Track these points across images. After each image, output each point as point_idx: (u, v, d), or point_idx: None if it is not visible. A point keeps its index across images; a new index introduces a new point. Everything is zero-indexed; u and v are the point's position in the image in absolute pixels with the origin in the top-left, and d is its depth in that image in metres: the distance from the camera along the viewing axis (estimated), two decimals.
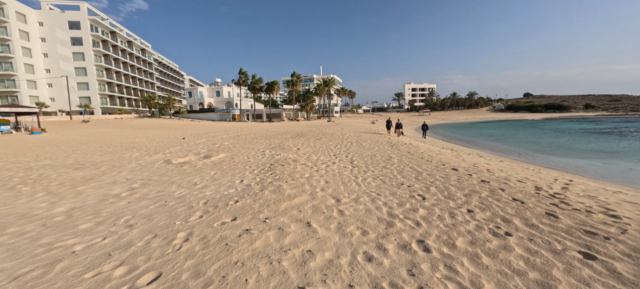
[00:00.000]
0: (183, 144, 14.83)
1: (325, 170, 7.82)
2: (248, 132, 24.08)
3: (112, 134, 23.63)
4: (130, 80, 75.34)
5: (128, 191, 5.72)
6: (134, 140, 18.36)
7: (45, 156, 11.18)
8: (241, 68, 59.82)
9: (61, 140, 18.93)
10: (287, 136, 19.11)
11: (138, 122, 44.41)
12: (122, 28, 76.76)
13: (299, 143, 14.80)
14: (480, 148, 18.51)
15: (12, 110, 23.25)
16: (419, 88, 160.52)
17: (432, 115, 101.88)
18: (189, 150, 12.13)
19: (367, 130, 25.80)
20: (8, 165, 9.32)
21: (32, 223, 4.15)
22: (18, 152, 12.66)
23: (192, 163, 8.79)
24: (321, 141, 15.84)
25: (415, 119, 70.50)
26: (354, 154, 10.98)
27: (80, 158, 10.47)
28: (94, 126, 33.88)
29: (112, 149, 13.20)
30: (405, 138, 17.82)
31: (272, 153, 10.78)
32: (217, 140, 16.96)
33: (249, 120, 61.10)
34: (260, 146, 13.29)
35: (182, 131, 27.73)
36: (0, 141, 18.13)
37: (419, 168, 8.23)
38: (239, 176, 6.95)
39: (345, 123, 41.50)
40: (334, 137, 18.41)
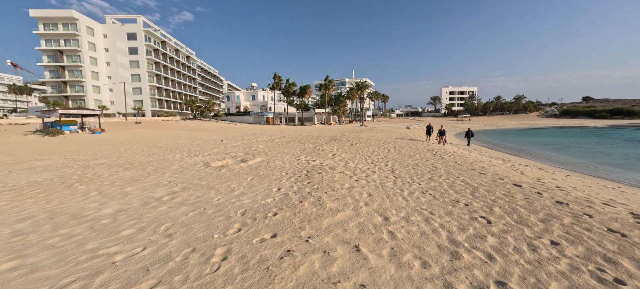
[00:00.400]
0: (221, 146, 15.28)
1: (365, 180, 7.24)
2: (281, 136, 24.31)
3: (159, 135, 25.52)
4: (176, 85, 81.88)
5: (169, 195, 5.75)
6: (177, 141, 19.49)
7: (102, 155, 12.18)
8: (275, 73, 61.52)
9: (116, 139, 20.83)
10: (321, 140, 18.81)
11: (181, 123, 47.82)
12: (170, 37, 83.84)
13: (333, 148, 14.36)
14: (536, 159, 16.35)
15: (79, 112, 26.29)
16: (457, 91, 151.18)
17: (473, 120, 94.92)
18: (227, 153, 12.36)
19: (403, 136, 24.50)
20: (71, 162, 10.26)
21: (81, 225, 4.24)
22: (80, 150, 14.04)
23: (229, 167, 8.80)
24: (356, 147, 15.22)
25: (454, 124, 66.05)
26: (394, 162, 10.21)
27: (131, 158, 11.19)
28: (144, 127, 37.11)
29: (157, 150, 14.03)
30: (447, 146, 16.38)
31: (307, 159, 10.47)
32: (253, 143, 17.24)
33: (282, 123, 62.43)
34: (294, 151, 13.11)
35: (220, 133, 29.03)
36: (68, 139, 20.50)
37: (472, 182, 7.24)
38: (276, 184, 6.69)
39: (378, 128, 40.18)
40: (370, 142, 17.64)
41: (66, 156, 11.79)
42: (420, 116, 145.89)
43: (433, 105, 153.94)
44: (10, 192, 6.17)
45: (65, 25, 60.83)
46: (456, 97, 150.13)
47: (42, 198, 5.70)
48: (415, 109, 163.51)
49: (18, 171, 8.68)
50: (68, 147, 15.63)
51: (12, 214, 4.79)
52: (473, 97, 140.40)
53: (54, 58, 61.13)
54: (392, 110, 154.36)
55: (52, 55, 61.07)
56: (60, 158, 11.48)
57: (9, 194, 6.04)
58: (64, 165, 9.61)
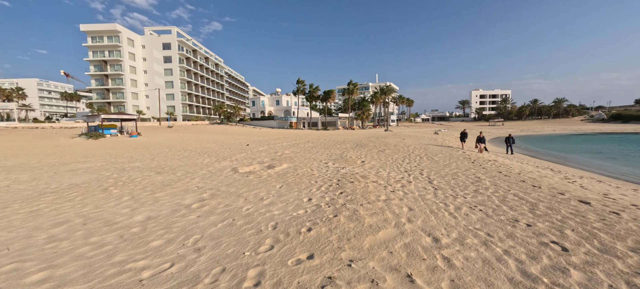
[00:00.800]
0: (247, 151, 15.33)
1: (402, 190, 6.62)
2: (306, 141, 24.12)
3: (189, 139, 26.54)
4: (206, 91, 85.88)
5: (198, 203, 5.58)
6: (206, 145, 20.01)
7: (137, 158, 12.67)
8: (299, 78, 62.13)
9: (150, 143, 21.91)
10: (347, 146, 18.28)
11: (209, 127, 49.74)
12: (201, 46, 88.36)
13: (361, 154, 13.78)
14: (591, 169, 14.47)
15: (119, 117, 28.18)
16: (488, 94, 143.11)
17: (507, 125, 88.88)
18: (253, 158, 12.29)
19: (433, 142, 23.20)
20: (108, 165, 10.71)
21: (112, 232, 4.13)
22: (118, 153, 14.78)
23: (257, 173, 8.61)
24: (385, 153, 14.50)
25: (486, 129, 62.08)
26: (429, 171, 9.42)
27: (162, 161, 11.48)
28: (175, 131, 39.02)
29: (187, 154, 14.37)
30: (485, 154, 15.03)
31: (336, 166, 10.02)
32: (278, 148, 17.16)
33: (305, 128, 62.70)
34: (321, 157, 12.73)
35: (246, 137, 29.60)
36: (108, 142, 21.93)
37: (528, 197, 6.33)
38: (306, 193, 6.31)
39: (404, 133, 38.74)
40: (398, 148, 16.80)
41: (105, 159, 12.41)
42: (447, 121, 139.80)
43: (461, 110, 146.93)
44: (52, 194, 6.40)
45: (110, 38, 66.40)
46: (487, 100, 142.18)
47: (79, 201, 5.80)
48: (442, 114, 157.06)
49: (62, 173, 9.16)
50: (108, 150, 16.59)
51: (50, 217, 4.85)
52: (506, 101, 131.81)
53: (99, 67, 66.91)
54: (417, 115, 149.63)
55: (98, 65, 66.89)
56: (100, 160, 12.09)
57: (51, 196, 6.25)
58: (102, 168, 10.04)
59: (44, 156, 13.80)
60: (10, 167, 10.51)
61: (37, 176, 8.73)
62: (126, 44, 67.54)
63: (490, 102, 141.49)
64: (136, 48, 70.94)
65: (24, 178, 8.40)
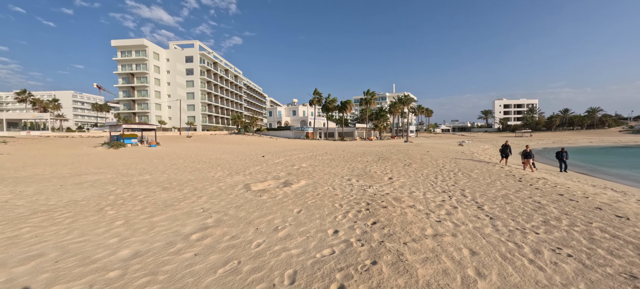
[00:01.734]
0: (262, 163, 14.45)
1: (449, 220, 5.28)
2: (323, 152, 23.03)
3: (205, 149, 26.30)
4: (225, 102, 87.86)
5: (200, 232, 4.57)
6: (221, 156, 19.44)
7: (148, 170, 12.10)
8: (316, 89, 61.81)
9: (167, 153, 21.74)
10: (368, 159, 16.97)
11: (227, 138, 50.08)
12: (221, 59, 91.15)
13: (386, 169, 12.44)
14: None
15: (139, 126, 28.63)
16: (513, 104, 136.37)
17: (536, 137, 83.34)
18: (268, 172, 11.33)
19: (461, 155, 21.27)
20: (118, 177, 10.13)
21: (83, 278, 3.17)
22: (132, 163, 14.39)
23: (271, 191, 7.56)
24: (412, 168, 13.05)
25: (514, 141, 58.01)
26: (472, 192, 7.95)
27: (172, 175, 10.78)
28: (194, 141, 39.39)
29: (200, 166, 13.69)
30: (535, 172, 12.89)
31: (361, 184, 8.78)
32: (295, 160, 16.16)
33: (321, 138, 61.81)
34: (342, 172, 11.53)
35: (262, 148, 29.02)
36: (127, 152, 22.00)
37: (622, 234, 4.77)
38: (330, 221, 5.13)
39: (426, 145, 36.63)
40: (426, 162, 15.26)
41: (117, 170, 11.95)
42: (469, 131, 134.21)
43: (484, 120, 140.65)
44: (44, 214, 5.67)
45: (137, 52, 69.91)
46: (512, 110, 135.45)
47: (67, 225, 4.99)
48: (463, 124, 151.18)
49: (67, 186, 8.62)
50: (124, 160, 16.35)
51: (24, 248, 4.02)
52: (533, 111, 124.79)
53: (127, 80, 70.36)
54: (436, 125, 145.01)
55: (126, 77, 70.38)
56: (112, 172, 11.62)
57: (41, 216, 5.53)
58: (110, 181, 9.44)
59: (60, 166, 13.65)
60: (22, 178, 10.20)
61: (42, 189, 8.21)
62: (152, 58, 70.77)
63: (516, 111, 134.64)
64: (161, 62, 74.17)
65: (28, 192, 7.89)
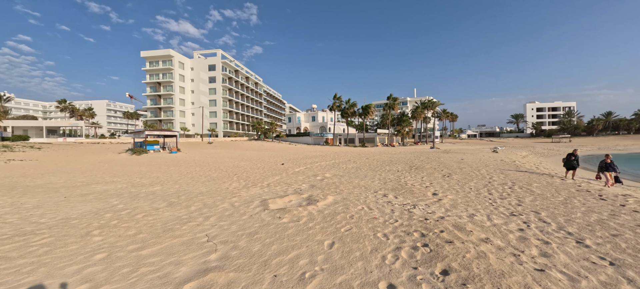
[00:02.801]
0: (282, 173, 13.22)
1: (555, 268, 3.58)
2: (346, 159, 21.49)
3: (224, 155, 25.76)
4: (245, 109, 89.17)
5: (196, 279, 3.28)
6: (239, 163, 18.56)
7: (161, 180, 11.28)
8: (336, 94, 60.51)
9: (186, 159, 21.30)
10: (398, 167, 15.21)
11: (247, 144, 50.04)
12: (242, 66, 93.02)
13: (423, 180, 10.69)
14: None
15: (161, 133, 28.81)
16: (547, 107, 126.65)
17: (575, 142, 75.91)
18: (289, 184, 10.03)
19: (502, 163, 18.77)
20: (127, 188, 9.30)
21: None
22: (148, 171, 13.74)
23: (293, 211, 6.20)
24: (453, 179, 11.17)
25: (551, 147, 52.85)
26: (553, 216, 6.07)
27: (185, 186, 9.81)
28: (214, 147, 39.45)
29: (216, 175, 12.73)
30: (617, 188, 10.24)
31: (401, 202, 7.19)
32: (317, 169, 14.79)
33: (341, 144, 60.18)
34: (374, 184, 9.96)
35: (281, 154, 28.07)
36: (148, 158, 21.85)
37: None
38: (378, 265, 3.64)
39: (456, 151, 33.79)
40: (466, 172, 13.24)
41: (130, 179, 11.24)
42: (498, 137, 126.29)
43: (515, 124, 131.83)
44: (21, 239, 4.69)
45: (164, 62, 72.85)
46: (546, 114, 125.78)
47: (37, 258, 3.92)
48: (492, 129, 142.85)
49: (72, 198, 7.84)
50: (141, 167, 15.87)
51: None
52: (571, 114, 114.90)
53: (154, 88, 73.38)
54: (461, 131, 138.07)
55: (153, 86, 73.46)
56: (125, 180, 10.91)
57: (17, 241, 4.54)
58: (117, 192, 8.60)
59: (79, 173, 13.29)
60: (34, 187, 9.69)
61: (44, 202, 7.46)
62: (177, 67, 73.42)
63: (550, 115, 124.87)
64: (186, 70, 76.79)
65: (28, 205, 7.15)
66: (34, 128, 56.44)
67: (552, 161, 25.52)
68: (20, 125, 55.95)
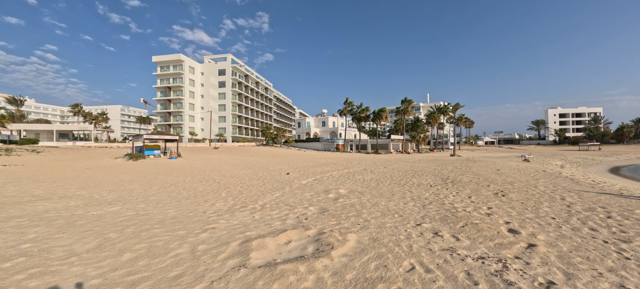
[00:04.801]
0: (285, 187, 10.68)
1: None
2: (361, 168, 18.77)
3: (227, 162, 23.60)
4: (255, 114, 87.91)
5: None
6: (239, 172, 16.20)
7: (129, 195, 8.95)
8: (347, 98, 58.00)
9: (183, 166, 19.18)
10: (428, 180, 12.36)
11: (255, 149, 48.04)
12: (252, 71, 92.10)
13: (475, 202, 7.87)
14: None
15: (161, 137, 27.01)
16: (571, 113, 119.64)
17: (605, 150, 69.75)
18: (291, 206, 7.46)
19: (550, 176, 15.51)
20: (78, 207, 6.97)
21: None
22: (129, 180, 11.49)
23: (291, 274, 3.62)
24: (513, 199, 8.28)
25: (582, 155, 47.97)
26: None
27: (151, 207, 7.40)
28: (220, 152, 37.56)
29: (205, 187, 10.33)
30: None
31: (471, 251, 4.45)
32: (329, 182, 12.16)
33: (353, 151, 57.31)
34: (409, 209, 7.25)
35: (289, 161, 25.66)
36: (144, 165, 19.87)
37: None
38: None
39: (481, 159, 30.28)
40: (522, 190, 10.27)
41: (95, 193, 8.98)
42: (518, 144, 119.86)
43: (535, 131, 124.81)
44: None
45: (175, 66, 72.54)
46: (570, 120, 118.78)
47: None
48: (510, 136, 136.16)
49: (7, 221, 5.56)
50: (126, 176, 13.73)
51: None
52: (597, 120, 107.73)
53: (164, 93, 73.10)
54: (477, 137, 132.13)
55: (163, 91, 73.19)
56: (87, 195, 8.66)
57: None
58: (54, 216, 6.29)
59: (50, 182, 11.25)
60: None
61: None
62: (187, 71, 72.96)
63: (575, 121, 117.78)
64: (196, 75, 76.29)
65: None
66: (46, 132, 56.68)
67: (601, 173, 21.77)
68: (33, 128, 56.31)
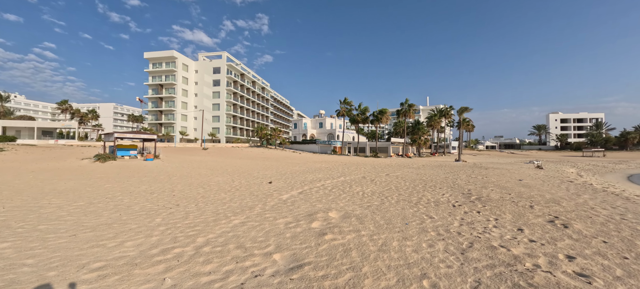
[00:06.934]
0: (255, 206, 7.95)
1: None
2: (360, 176, 16.07)
3: (208, 165, 20.81)
4: (250, 114, 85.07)
5: None
6: (214, 178, 13.43)
7: (78, 216, 6.20)
8: (346, 98, 55.31)
9: (151, 170, 16.39)
10: (446, 196, 9.69)
11: (246, 151, 45.23)
12: (249, 70, 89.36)
13: (541, 242, 5.22)
14: None
15: (137, 136, 24.20)
16: (573, 119, 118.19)
17: (610, 156, 67.32)
18: (246, 250, 4.73)
19: (591, 190, 12.89)
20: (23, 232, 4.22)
21: None
22: (62, 191, 8.70)
23: None
24: (579, 234, 5.64)
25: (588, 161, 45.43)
26: None
27: (91, 229, 4.68)
28: (207, 154, 34.74)
29: (151, 206, 7.60)
30: None
31: None
32: (319, 197, 9.43)
33: (351, 154, 54.60)
34: (437, 262, 4.59)
35: (279, 164, 22.94)
36: (112, 168, 17.07)
37: None
38: None
39: (490, 165, 27.64)
40: (570, 209, 7.64)
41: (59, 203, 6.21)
42: (518, 149, 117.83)
43: (536, 136, 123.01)
44: None
45: (167, 63, 69.61)
46: (571, 125, 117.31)
47: None
48: (511, 140, 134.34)
49: None
50: (69, 183, 10.93)
51: None
52: (600, 126, 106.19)
53: (156, 91, 70.13)
54: (477, 142, 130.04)
55: (155, 88, 70.21)
56: (60, 202, 5.90)
57: None
58: None
59: None
60: None
61: None
62: (181, 69, 70.08)
63: (576, 126, 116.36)
64: (190, 73, 73.41)
65: None
66: (27, 129, 53.61)
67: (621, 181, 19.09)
68: (13, 125, 53.21)
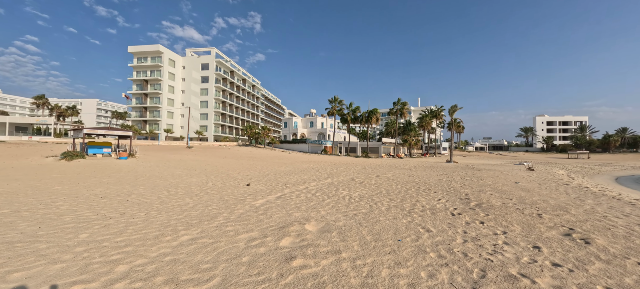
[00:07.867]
0: (219, 215, 6.70)
1: None
2: (349, 177, 14.97)
3: (187, 164, 19.29)
4: (240, 112, 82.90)
5: None
6: (188, 179, 12.03)
7: None
8: (336, 97, 54.30)
9: (131, 169, 14.82)
10: (443, 201, 8.67)
11: (233, 150, 43.54)
12: (239, 67, 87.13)
13: (556, 261, 4.21)
14: None
15: (111, 133, 22.40)
16: (559, 121, 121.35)
17: (595, 159, 68.73)
18: (199, 281, 3.52)
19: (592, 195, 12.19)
20: None
21: None
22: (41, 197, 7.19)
23: None
24: (606, 252, 4.69)
25: (575, 163, 45.90)
26: None
27: None
28: (190, 152, 32.99)
29: (76, 214, 6.24)
30: None
31: None
32: (298, 203, 8.24)
33: (341, 154, 53.61)
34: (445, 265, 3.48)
35: (265, 164, 21.62)
36: (77, 166, 15.37)
37: None
38: None
39: (482, 167, 27.11)
40: (583, 218, 6.75)
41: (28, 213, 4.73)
42: (507, 150, 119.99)
43: (523, 138, 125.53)
44: None
45: (153, 58, 66.71)
46: (557, 128, 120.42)
47: None
48: (499, 142, 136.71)
49: None
50: (37, 183, 9.35)
51: None
52: (584, 129, 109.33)
53: (140, 87, 67.18)
54: (466, 143, 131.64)
55: (139, 84, 67.27)
56: None
57: None
58: None
59: None
60: None
61: None
62: (167, 64, 67.43)
63: (562, 129, 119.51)
64: (177, 69, 70.78)
65: None
66: None
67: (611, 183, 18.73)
68: None
